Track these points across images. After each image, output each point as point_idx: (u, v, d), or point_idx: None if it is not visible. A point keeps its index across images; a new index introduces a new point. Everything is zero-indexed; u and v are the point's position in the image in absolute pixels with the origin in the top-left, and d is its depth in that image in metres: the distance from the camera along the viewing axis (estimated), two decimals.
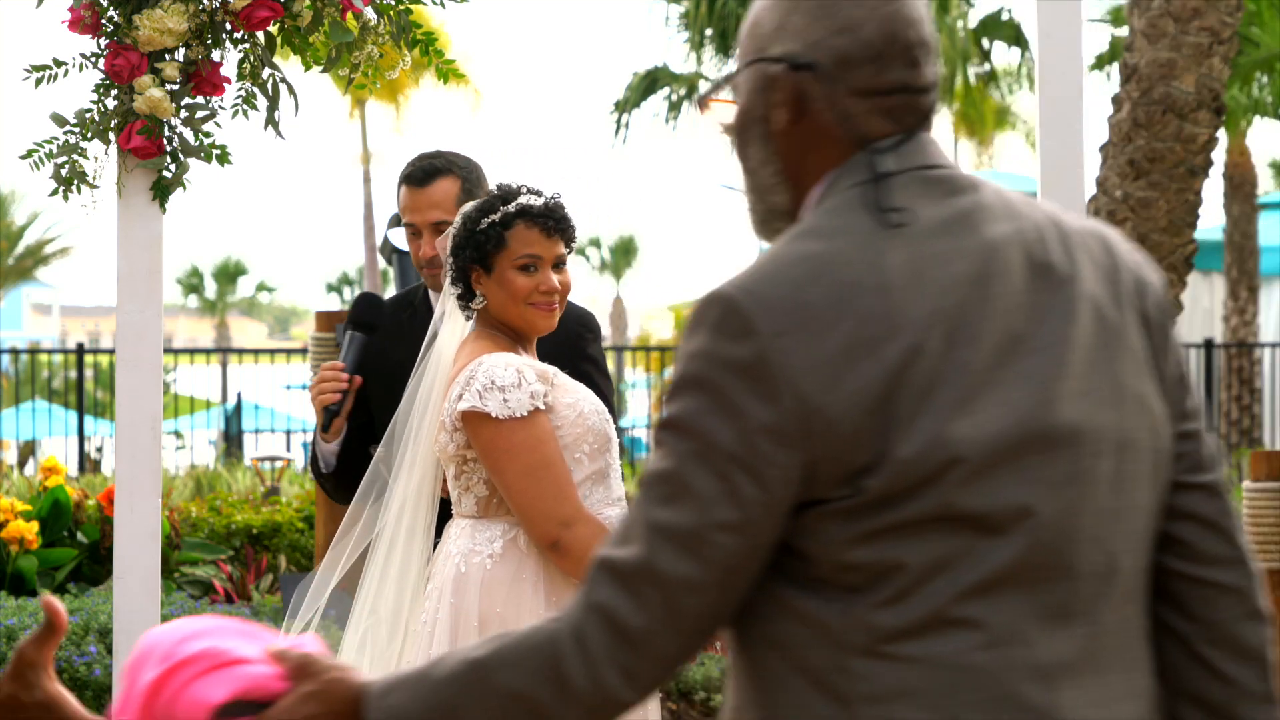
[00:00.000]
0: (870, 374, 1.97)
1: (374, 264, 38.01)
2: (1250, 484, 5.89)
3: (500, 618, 4.00)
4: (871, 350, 1.97)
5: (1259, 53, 18.09)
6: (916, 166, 2.07)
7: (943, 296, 2.01)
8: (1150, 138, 9.43)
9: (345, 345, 4.47)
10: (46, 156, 4.58)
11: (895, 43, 2.07)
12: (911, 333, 1.98)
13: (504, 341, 4.14)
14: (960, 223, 2.05)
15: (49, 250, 39.63)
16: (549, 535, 3.98)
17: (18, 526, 8.79)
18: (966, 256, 2.03)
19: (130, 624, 4.63)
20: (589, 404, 4.09)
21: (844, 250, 2.01)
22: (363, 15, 4.63)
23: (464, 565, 4.05)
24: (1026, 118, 32.22)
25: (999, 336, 2.02)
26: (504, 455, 3.98)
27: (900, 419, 1.97)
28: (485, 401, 3.98)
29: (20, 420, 21.94)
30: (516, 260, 4.10)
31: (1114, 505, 2.08)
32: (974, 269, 2.03)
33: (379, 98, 33.91)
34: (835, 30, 2.07)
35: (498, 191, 4.16)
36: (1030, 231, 2.08)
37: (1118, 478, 2.08)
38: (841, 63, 2.06)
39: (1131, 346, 2.10)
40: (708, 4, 25.02)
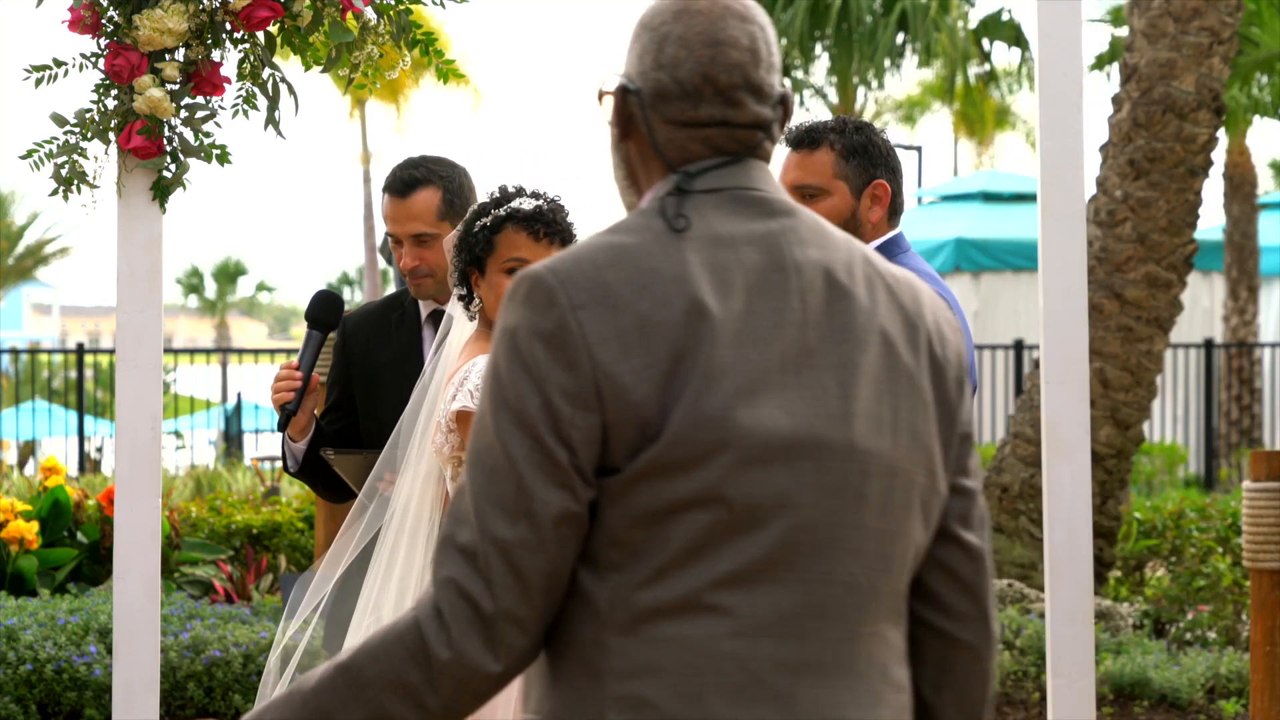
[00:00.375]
0: (660, 351, 2.14)
1: (374, 264, 38.01)
2: (1250, 484, 5.89)
3: None
4: (665, 330, 2.14)
5: (1259, 53, 18.08)
6: (731, 187, 2.26)
7: (737, 298, 2.18)
8: (1150, 138, 9.43)
9: (303, 344, 4.46)
10: (46, 156, 4.57)
11: (710, 84, 2.26)
12: (704, 322, 2.15)
13: None
14: (766, 239, 2.23)
15: (49, 250, 39.64)
16: None
17: (18, 526, 8.79)
18: (765, 268, 2.20)
19: (130, 624, 4.63)
20: None
21: (645, 244, 2.20)
22: (363, 15, 4.63)
23: None
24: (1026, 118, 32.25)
25: (789, 346, 2.19)
26: None
27: (683, 396, 2.13)
28: (477, 401, 4.00)
29: (20, 420, 21.95)
30: (504, 264, 4.12)
31: (879, 526, 2.21)
32: (771, 281, 2.20)
33: (379, 98, 33.91)
34: (657, 66, 2.28)
35: (498, 194, 4.17)
36: (838, 262, 2.25)
37: (886, 502, 2.22)
38: (658, 94, 2.28)
39: (919, 389, 2.25)
40: None
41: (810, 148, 4.26)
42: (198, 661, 7.69)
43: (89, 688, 7.51)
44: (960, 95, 29.29)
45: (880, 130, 4.33)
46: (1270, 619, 5.90)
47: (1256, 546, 5.85)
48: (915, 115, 34.34)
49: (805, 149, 4.26)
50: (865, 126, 4.29)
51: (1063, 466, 4.75)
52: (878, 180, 4.24)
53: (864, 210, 4.24)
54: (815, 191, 4.24)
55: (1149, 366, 9.54)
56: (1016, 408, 10.04)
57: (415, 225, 4.48)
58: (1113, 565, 9.65)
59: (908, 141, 32.73)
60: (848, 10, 24.65)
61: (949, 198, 22.96)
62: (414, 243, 4.48)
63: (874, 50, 24.73)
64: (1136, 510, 10.03)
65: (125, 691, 4.63)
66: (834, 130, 4.26)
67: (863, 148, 4.24)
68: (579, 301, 2.15)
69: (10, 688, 7.49)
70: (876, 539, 2.21)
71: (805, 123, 4.27)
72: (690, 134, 2.28)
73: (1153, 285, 9.47)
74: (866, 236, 4.24)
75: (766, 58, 2.29)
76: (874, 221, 4.24)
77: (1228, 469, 18.42)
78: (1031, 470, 9.38)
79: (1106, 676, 7.97)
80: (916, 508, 2.25)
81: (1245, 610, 8.76)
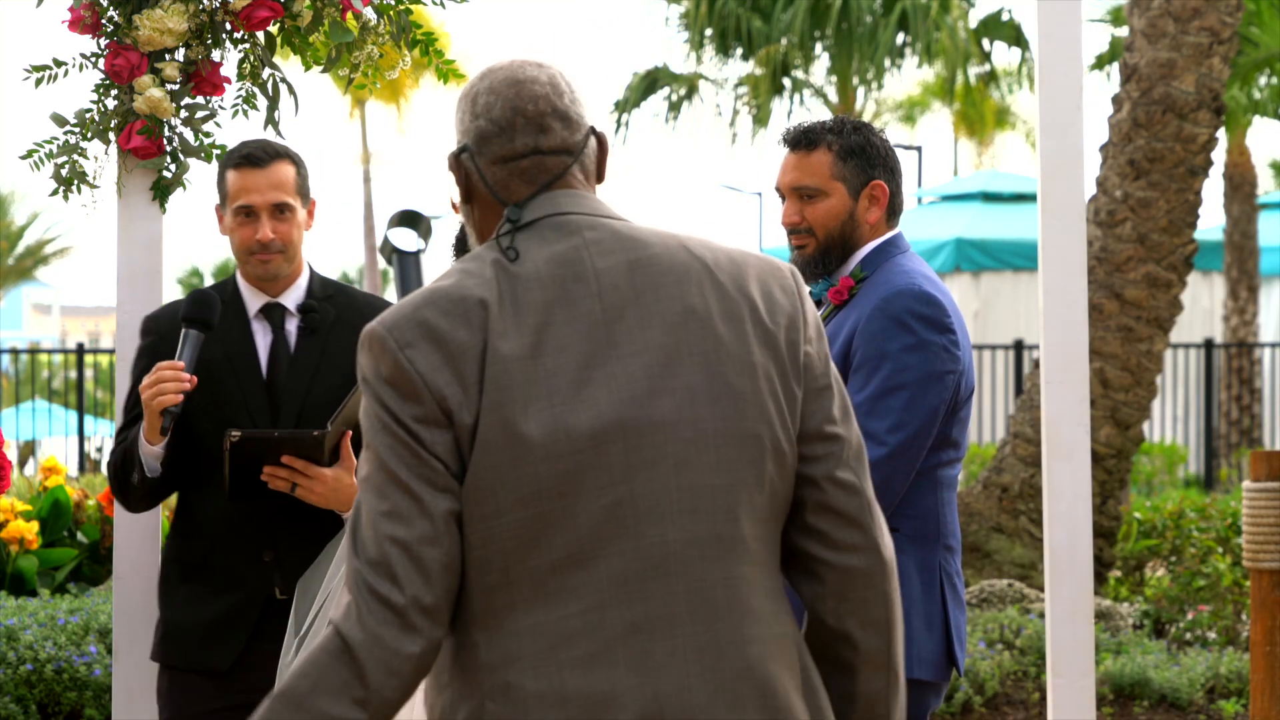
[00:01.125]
0: (470, 372, 2.46)
1: (374, 264, 38.01)
2: (1250, 484, 5.88)
3: None
4: (472, 352, 2.46)
5: (1259, 53, 18.09)
6: (544, 216, 2.56)
7: (534, 314, 2.48)
8: (1150, 138, 9.43)
9: (181, 343, 4.20)
10: (46, 156, 4.58)
11: (520, 115, 2.59)
12: (506, 340, 2.46)
13: None
14: (566, 255, 2.53)
15: (49, 250, 39.64)
16: None
17: (18, 526, 8.78)
18: (565, 280, 2.50)
19: (130, 624, 4.63)
20: None
21: (463, 281, 2.51)
22: (363, 15, 4.63)
23: None
24: (1026, 118, 32.23)
25: (593, 345, 2.48)
26: None
27: (485, 409, 2.45)
28: None
29: (20, 420, 21.94)
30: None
31: (712, 483, 2.49)
32: (571, 291, 2.50)
33: (379, 98, 33.92)
34: (474, 116, 2.61)
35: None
36: (645, 259, 2.54)
37: (716, 460, 2.50)
38: (480, 139, 2.60)
39: (741, 356, 2.52)
40: (708, 4, 25.03)
41: (808, 148, 4.25)
42: None
43: (89, 688, 7.51)
44: (960, 95, 29.29)
45: (879, 130, 4.32)
46: (1270, 619, 5.90)
47: (1256, 546, 5.85)
48: (915, 115, 34.33)
49: (803, 150, 4.26)
50: (864, 127, 4.28)
51: (1063, 466, 4.75)
52: (875, 181, 4.23)
53: (862, 211, 4.23)
54: (813, 192, 4.23)
55: (1149, 366, 9.54)
56: (1016, 408, 10.03)
57: (277, 194, 4.28)
58: (1113, 565, 9.65)
59: (908, 141, 32.74)
60: (848, 10, 24.66)
61: (949, 198, 22.96)
62: (273, 214, 4.28)
63: (874, 50, 24.75)
64: (1136, 510, 10.03)
65: (125, 691, 4.63)
66: (832, 131, 4.25)
67: (860, 148, 4.23)
68: (405, 341, 2.47)
69: (10, 688, 7.48)
70: (711, 495, 2.49)
71: (804, 123, 4.27)
72: (510, 169, 2.60)
73: (1153, 285, 9.47)
74: (864, 237, 4.24)
75: (568, 91, 2.63)
76: (872, 222, 4.24)
77: (1228, 469, 18.42)
78: (1031, 470, 9.38)
79: (1106, 676, 7.97)
80: (758, 460, 2.51)
81: (1245, 610, 8.76)
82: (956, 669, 4.18)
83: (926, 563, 4.10)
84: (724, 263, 2.58)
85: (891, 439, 4.01)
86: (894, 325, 4.07)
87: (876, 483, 3.98)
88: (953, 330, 4.11)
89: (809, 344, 2.59)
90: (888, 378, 4.04)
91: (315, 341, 4.35)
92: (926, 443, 4.05)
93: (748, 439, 2.50)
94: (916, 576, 4.09)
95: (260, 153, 4.32)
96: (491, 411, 2.44)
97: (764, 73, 25.34)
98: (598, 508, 2.44)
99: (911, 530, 4.07)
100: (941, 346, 4.07)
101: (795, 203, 4.26)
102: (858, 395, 4.05)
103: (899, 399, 4.02)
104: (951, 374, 4.08)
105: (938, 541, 4.14)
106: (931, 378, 4.00)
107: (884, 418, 4.02)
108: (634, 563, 2.44)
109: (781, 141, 4.32)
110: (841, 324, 4.15)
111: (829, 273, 4.24)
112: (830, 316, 4.20)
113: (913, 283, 4.12)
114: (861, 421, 4.03)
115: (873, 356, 4.06)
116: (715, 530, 2.48)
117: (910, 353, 4.05)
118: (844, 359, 4.11)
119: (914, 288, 4.11)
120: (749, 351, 2.53)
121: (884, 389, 4.03)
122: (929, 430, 4.04)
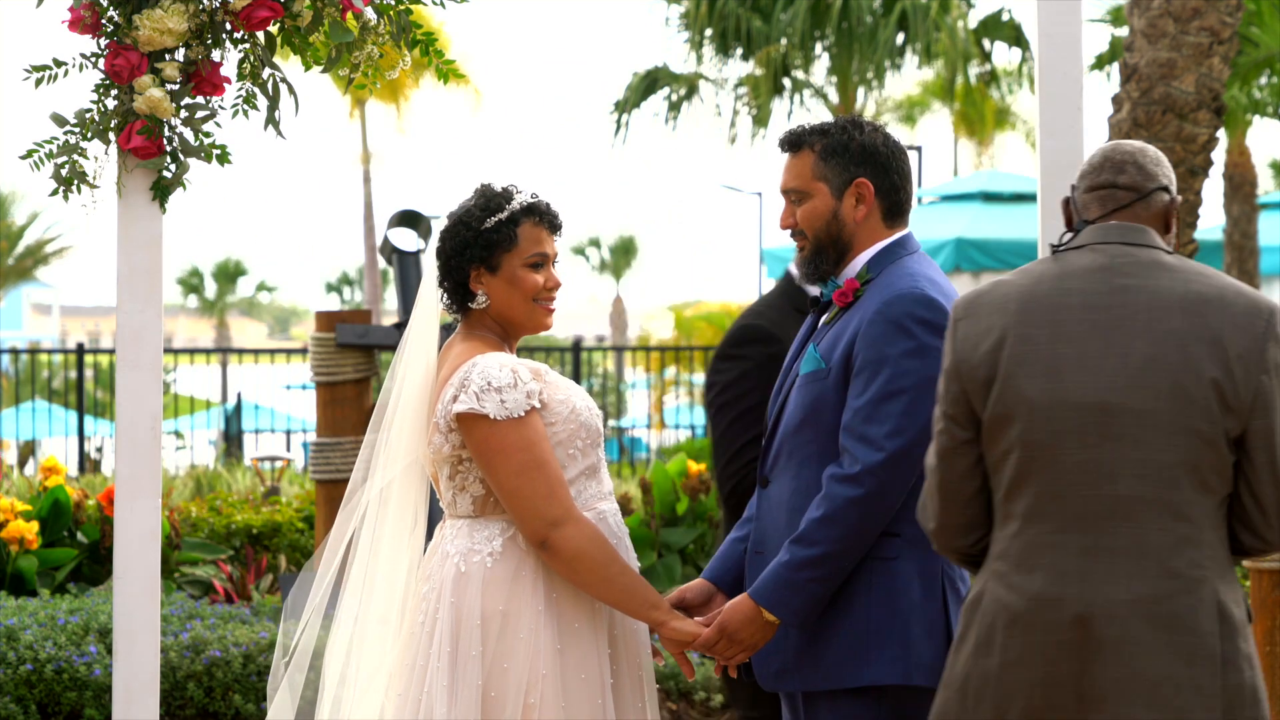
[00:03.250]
0: (990, 338, 3.64)
1: (374, 264, 38.01)
2: None
3: (502, 615, 4.03)
4: (996, 330, 3.63)
5: (1259, 53, 18.08)
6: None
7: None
8: (1150, 138, 9.42)
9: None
10: (46, 156, 4.58)
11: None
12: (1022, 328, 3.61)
13: (494, 342, 4.17)
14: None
15: (49, 250, 39.62)
16: (538, 534, 4.03)
17: (18, 526, 8.79)
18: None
19: (130, 624, 4.63)
20: (580, 399, 4.15)
21: (1014, 277, 3.71)
22: (363, 15, 4.63)
23: (464, 565, 4.06)
24: (1026, 118, 32.23)
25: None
26: (498, 455, 4.02)
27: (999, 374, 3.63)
28: (483, 403, 4.01)
29: (20, 420, 21.94)
30: (528, 258, 4.16)
31: (1160, 458, 3.49)
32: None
33: (379, 98, 33.91)
34: None
35: (495, 192, 4.18)
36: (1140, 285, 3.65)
37: (1168, 443, 3.52)
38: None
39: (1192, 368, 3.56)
40: (708, 4, 25.03)
41: (794, 151, 4.26)
42: (198, 661, 7.68)
43: (89, 688, 7.51)
44: (960, 95, 29.29)
45: (877, 128, 4.29)
46: (1270, 619, 5.90)
47: None
48: (915, 115, 34.34)
49: (790, 152, 4.27)
50: (853, 126, 4.26)
51: None
52: (859, 179, 4.21)
53: (847, 210, 4.21)
54: (800, 194, 4.24)
55: None
56: None
57: None
58: None
59: (908, 141, 32.74)
60: (848, 10, 24.67)
61: (949, 198, 22.95)
62: None
63: (874, 50, 24.75)
64: None
65: (125, 691, 4.63)
66: (818, 132, 4.25)
67: (843, 147, 4.22)
68: (961, 313, 3.66)
69: (10, 688, 7.49)
70: (1158, 467, 3.47)
71: (795, 126, 4.28)
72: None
73: None
74: (857, 235, 4.21)
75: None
76: (860, 220, 4.21)
77: None
78: None
79: None
80: (1198, 447, 3.50)
81: None
82: None
83: (927, 569, 4.09)
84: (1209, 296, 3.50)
85: (890, 444, 4.00)
86: (894, 329, 4.06)
87: (872, 490, 4.00)
88: None
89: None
90: (887, 383, 4.03)
91: None
92: (926, 447, 4.05)
93: (1191, 432, 3.44)
94: (917, 582, 4.08)
95: None
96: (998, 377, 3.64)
97: (764, 73, 25.35)
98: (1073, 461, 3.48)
99: (912, 536, 4.06)
100: (941, 351, 4.06)
101: (788, 205, 4.28)
102: (857, 399, 4.05)
103: (898, 404, 4.02)
104: None
105: None
106: (931, 383, 3.98)
107: (883, 423, 4.01)
108: (1093, 505, 3.45)
109: (779, 145, 4.33)
110: (844, 326, 4.14)
111: (827, 273, 4.24)
112: (836, 319, 4.19)
113: (914, 286, 4.11)
114: (860, 426, 4.03)
115: (872, 361, 4.05)
116: (1158, 494, 3.43)
117: (909, 358, 4.04)
118: (845, 362, 4.10)
119: (914, 291, 4.10)
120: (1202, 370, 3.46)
121: (883, 394, 4.03)
122: (928, 436, 4.04)
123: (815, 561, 4.01)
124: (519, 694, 4.00)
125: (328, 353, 8.16)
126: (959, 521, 3.63)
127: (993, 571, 3.54)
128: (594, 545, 4.05)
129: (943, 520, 3.65)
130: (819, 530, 4.01)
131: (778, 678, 4.17)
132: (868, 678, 4.06)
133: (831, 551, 4.01)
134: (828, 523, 4.01)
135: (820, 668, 4.09)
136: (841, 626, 4.07)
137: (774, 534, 4.17)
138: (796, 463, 4.15)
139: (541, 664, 4.02)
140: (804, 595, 4.03)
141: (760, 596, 4.06)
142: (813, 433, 4.13)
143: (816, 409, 4.12)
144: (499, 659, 4.02)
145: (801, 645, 4.11)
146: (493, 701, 4.00)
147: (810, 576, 4.02)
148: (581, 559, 4.04)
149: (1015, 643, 3.51)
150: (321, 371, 8.16)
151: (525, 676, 4.01)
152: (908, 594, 4.06)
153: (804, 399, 4.15)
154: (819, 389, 4.13)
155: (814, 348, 4.17)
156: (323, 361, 8.15)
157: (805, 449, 4.14)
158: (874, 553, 4.06)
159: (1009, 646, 3.51)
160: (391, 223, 8.50)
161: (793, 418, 4.18)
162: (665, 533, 9.88)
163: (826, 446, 4.10)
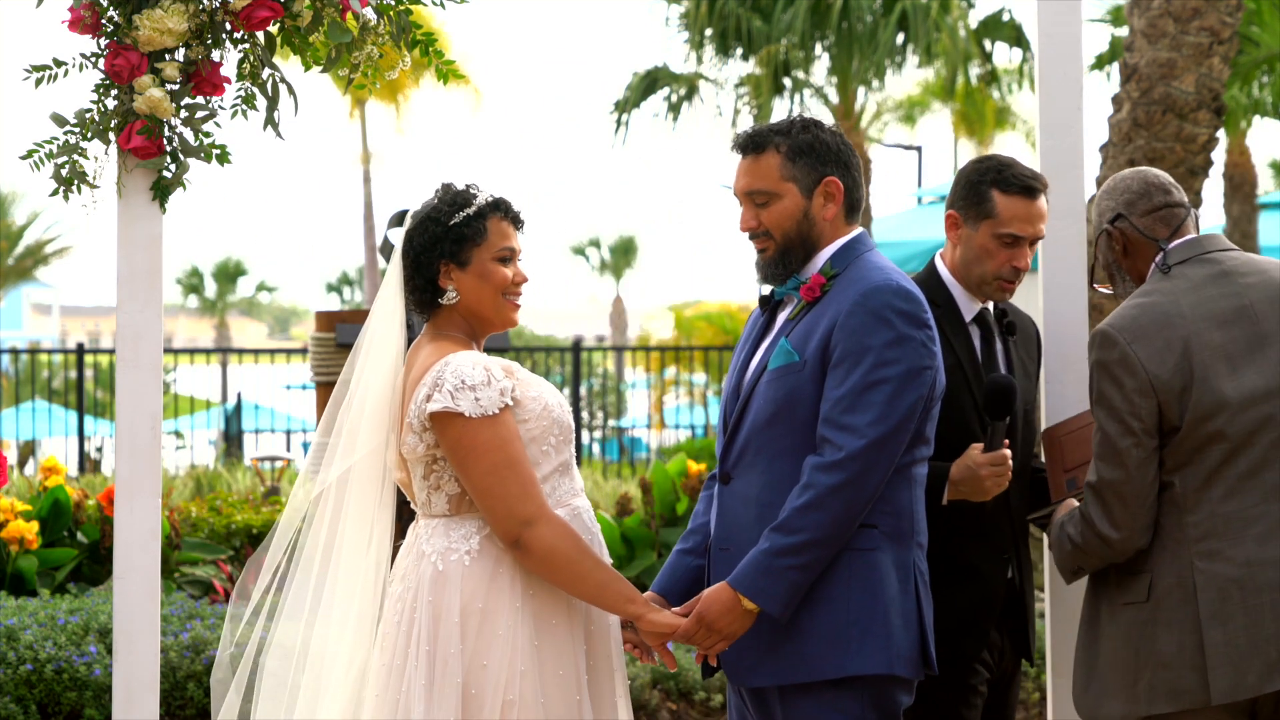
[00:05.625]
0: (1173, 355, 4.22)
1: (374, 264, 38.00)
2: None
3: (480, 612, 4.04)
4: (1178, 345, 4.23)
5: (1259, 53, 18.08)
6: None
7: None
8: (1150, 138, 9.42)
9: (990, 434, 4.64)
10: (46, 156, 4.58)
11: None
12: (1196, 339, 4.16)
13: (463, 341, 4.18)
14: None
15: (49, 250, 39.61)
16: (511, 533, 4.05)
17: (18, 526, 8.79)
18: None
19: (130, 624, 4.63)
20: (551, 396, 4.16)
21: (1156, 299, 4.26)
22: (362, 15, 4.63)
23: (441, 564, 4.07)
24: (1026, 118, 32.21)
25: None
26: (471, 453, 4.03)
27: (1194, 380, 4.16)
28: (458, 401, 4.02)
29: (20, 420, 21.94)
30: (497, 252, 4.18)
31: None
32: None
33: (379, 98, 33.90)
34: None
35: (459, 190, 4.20)
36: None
37: None
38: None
39: None
40: (708, 4, 25.02)
41: (756, 152, 4.26)
42: (198, 661, 7.68)
43: (89, 688, 7.51)
44: (960, 95, 29.27)
45: (830, 127, 4.31)
46: None
47: None
48: (915, 115, 34.32)
49: (752, 154, 4.27)
50: (813, 125, 4.28)
51: None
52: (829, 178, 4.23)
53: (817, 208, 4.23)
54: (766, 195, 4.24)
55: None
56: None
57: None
58: None
59: (908, 141, 32.73)
60: (848, 10, 24.66)
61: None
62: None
63: (874, 50, 24.74)
64: None
65: (125, 691, 4.64)
66: (779, 132, 4.26)
67: (809, 146, 4.23)
68: (1129, 338, 4.12)
69: (10, 688, 7.48)
70: None
71: (752, 128, 4.29)
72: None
73: None
74: (824, 233, 4.24)
75: None
76: (829, 218, 4.24)
77: None
78: None
79: None
80: None
81: None
82: (930, 667, 4.18)
83: (902, 560, 4.13)
84: None
85: (872, 431, 4.02)
86: (875, 320, 4.08)
87: (854, 475, 4.02)
88: (930, 326, 4.13)
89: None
90: (869, 372, 4.05)
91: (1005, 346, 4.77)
92: (905, 438, 4.07)
93: None
94: (894, 574, 4.11)
95: (1036, 182, 4.67)
96: (1194, 382, 4.14)
97: (764, 73, 25.34)
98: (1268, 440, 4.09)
99: (889, 528, 4.09)
100: (920, 342, 4.09)
101: (750, 207, 4.28)
102: (838, 389, 4.06)
103: (881, 393, 4.04)
104: (929, 369, 4.10)
105: (911, 539, 4.16)
106: (912, 373, 4.04)
107: (865, 412, 4.03)
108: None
109: (732, 147, 4.33)
110: (816, 320, 4.16)
111: (792, 273, 4.25)
112: (801, 314, 4.21)
113: (891, 279, 4.14)
114: (841, 416, 4.04)
115: (854, 351, 4.07)
116: None
117: (892, 348, 4.06)
118: (821, 354, 4.11)
119: (893, 283, 4.12)
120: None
121: (866, 383, 4.04)
122: (908, 425, 4.06)
123: (797, 549, 4.02)
124: (497, 691, 4.01)
125: (328, 353, 8.17)
126: (1145, 522, 4.12)
127: (1196, 553, 4.06)
128: (567, 542, 4.06)
129: (1132, 525, 4.11)
130: (801, 517, 4.02)
131: (752, 672, 4.17)
132: (851, 668, 4.07)
133: (814, 539, 4.02)
134: (810, 509, 4.02)
135: (801, 659, 4.09)
136: (822, 618, 4.08)
137: (741, 530, 4.17)
138: (767, 458, 4.16)
139: (520, 661, 4.03)
140: (784, 583, 4.03)
141: (739, 584, 4.07)
142: (786, 426, 4.14)
143: (790, 403, 4.13)
144: (478, 656, 4.03)
145: (777, 638, 4.11)
146: (472, 699, 4.01)
147: (790, 564, 4.02)
148: (555, 556, 4.04)
149: (1237, 608, 4.02)
150: (321, 371, 8.17)
151: (504, 673, 4.02)
152: (887, 585, 4.08)
153: (775, 393, 4.16)
154: (793, 382, 4.14)
155: (786, 341, 4.18)
156: (323, 361, 8.15)
157: (778, 443, 4.15)
158: (853, 544, 4.08)
159: (1233, 614, 4.01)
160: (391, 223, 8.47)
161: (761, 413, 4.18)
162: (665, 533, 9.89)
163: (801, 439, 4.11)
